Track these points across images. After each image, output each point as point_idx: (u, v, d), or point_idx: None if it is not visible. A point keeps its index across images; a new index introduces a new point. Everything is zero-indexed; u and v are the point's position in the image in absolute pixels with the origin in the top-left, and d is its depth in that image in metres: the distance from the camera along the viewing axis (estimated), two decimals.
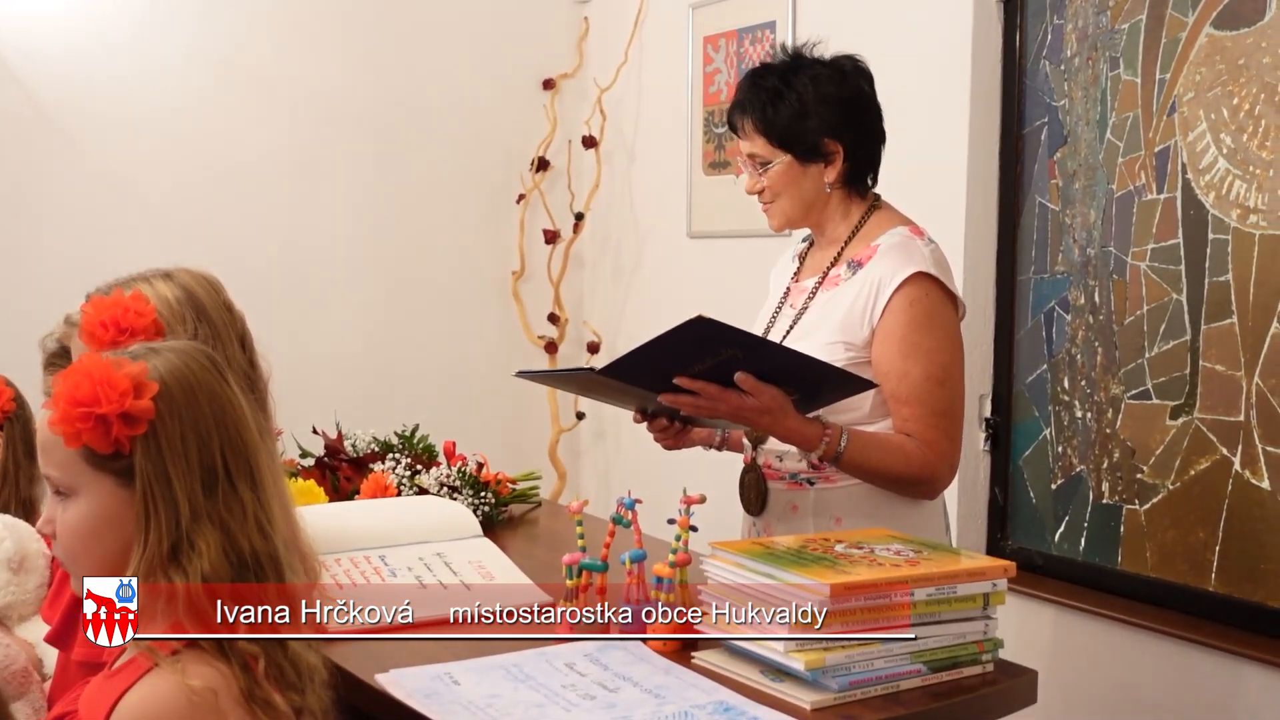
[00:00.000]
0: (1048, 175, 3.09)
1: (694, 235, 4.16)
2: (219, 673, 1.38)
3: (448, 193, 4.45)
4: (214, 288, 1.91)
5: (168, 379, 1.43)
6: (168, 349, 1.49)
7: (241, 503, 1.44)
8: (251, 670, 1.40)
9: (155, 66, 3.99)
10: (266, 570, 1.44)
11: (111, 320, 1.75)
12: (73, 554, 1.45)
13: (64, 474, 1.44)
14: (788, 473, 2.26)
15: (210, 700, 1.36)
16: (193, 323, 1.84)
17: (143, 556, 1.40)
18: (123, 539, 1.42)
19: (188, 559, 1.40)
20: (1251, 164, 2.63)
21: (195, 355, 1.49)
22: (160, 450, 1.41)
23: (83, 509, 1.43)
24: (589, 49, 4.56)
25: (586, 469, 4.65)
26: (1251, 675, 2.59)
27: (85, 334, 1.78)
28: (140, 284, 1.86)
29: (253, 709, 1.38)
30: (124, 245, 3.87)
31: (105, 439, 1.39)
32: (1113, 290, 2.93)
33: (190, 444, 1.42)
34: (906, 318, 2.17)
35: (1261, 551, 2.61)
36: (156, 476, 1.40)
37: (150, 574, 1.40)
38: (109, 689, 1.41)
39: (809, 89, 2.23)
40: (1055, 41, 3.07)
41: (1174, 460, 2.79)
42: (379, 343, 4.35)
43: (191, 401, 1.44)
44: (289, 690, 1.41)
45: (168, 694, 1.35)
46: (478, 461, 2.63)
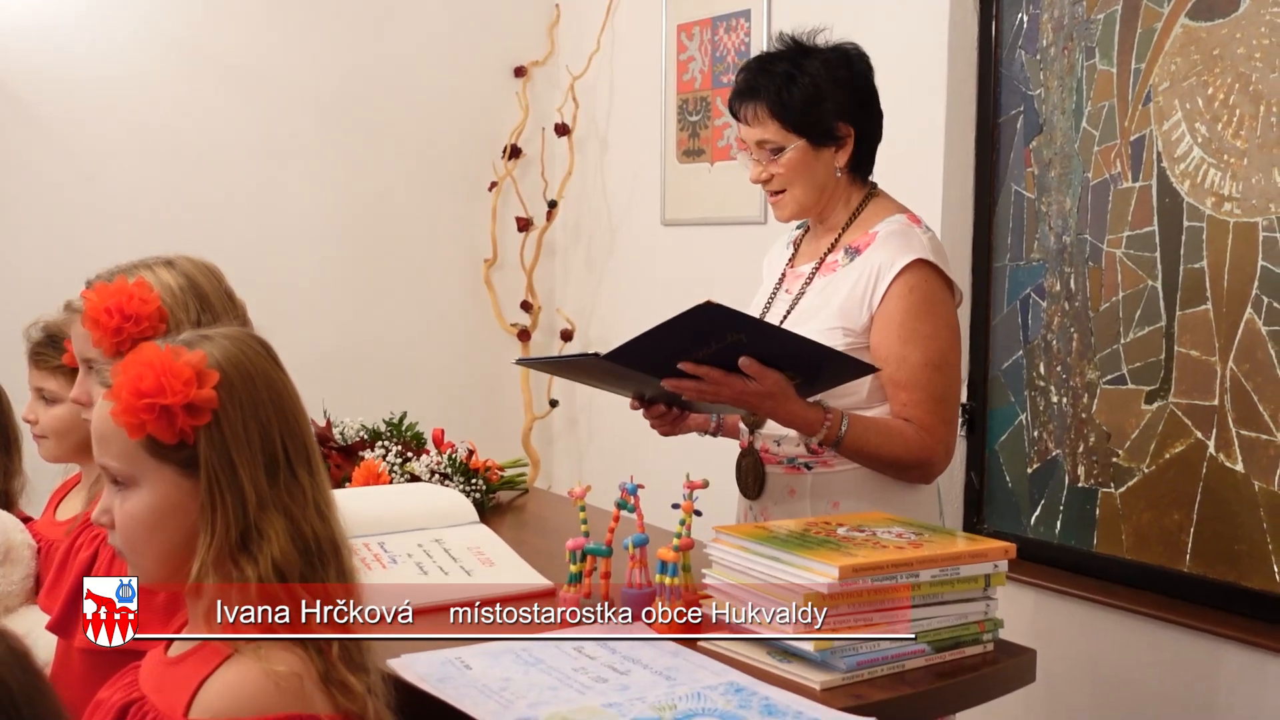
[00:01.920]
0: (1024, 164, 3.13)
1: (668, 223, 4.17)
2: (298, 658, 1.39)
3: (419, 180, 4.44)
4: (215, 275, 1.92)
5: (226, 367, 1.43)
6: (220, 335, 1.48)
7: (302, 488, 1.44)
8: (326, 654, 1.40)
9: (126, 55, 3.95)
10: (328, 554, 1.44)
11: (116, 307, 1.75)
12: (134, 544, 1.44)
13: (125, 464, 1.43)
14: (785, 457, 2.29)
15: (296, 684, 1.36)
16: (195, 310, 1.84)
17: (211, 545, 1.40)
18: (185, 528, 1.42)
19: (257, 547, 1.40)
20: (1226, 153, 2.67)
21: (249, 341, 1.48)
22: (224, 439, 1.41)
23: (145, 499, 1.42)
24: (560, 36, 4.56)
25: (560, 455, 4.66)
26: (1227, 654, 2.64)
27: (89, 320, 1.78)
28: (143, 271, 1.85)
29: (331, 692, 1.38)
30: (96, 234, 3.85)
31: (170, 429, 1.39)
32: (1088, 277, 2.97)
33: (252, 431, 1.42)
34: (906, 304, 2.19)
35: (1236, 533, 2.67)
36: (222, 465, 1.40)
37: (220, 562, 1.40)
38: (182, 675, 1.41)
39: (821, 72, 2.25)
40: (1031, 31, 3.11)
41: (1149, 444, 2.84)
42: (351, 331, 4.34)
43: (251, 388, 1.43)
44: (359, 671, 1.42)
45: (255, 679, 1.36)
46: (468, 449, 2.64)
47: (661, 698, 1.56)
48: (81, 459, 2.36)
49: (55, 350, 2.32)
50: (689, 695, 1.57)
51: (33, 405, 2.35)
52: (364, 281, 4.38)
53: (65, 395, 2.30)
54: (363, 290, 4.38)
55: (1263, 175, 2.60)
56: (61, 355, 2.29)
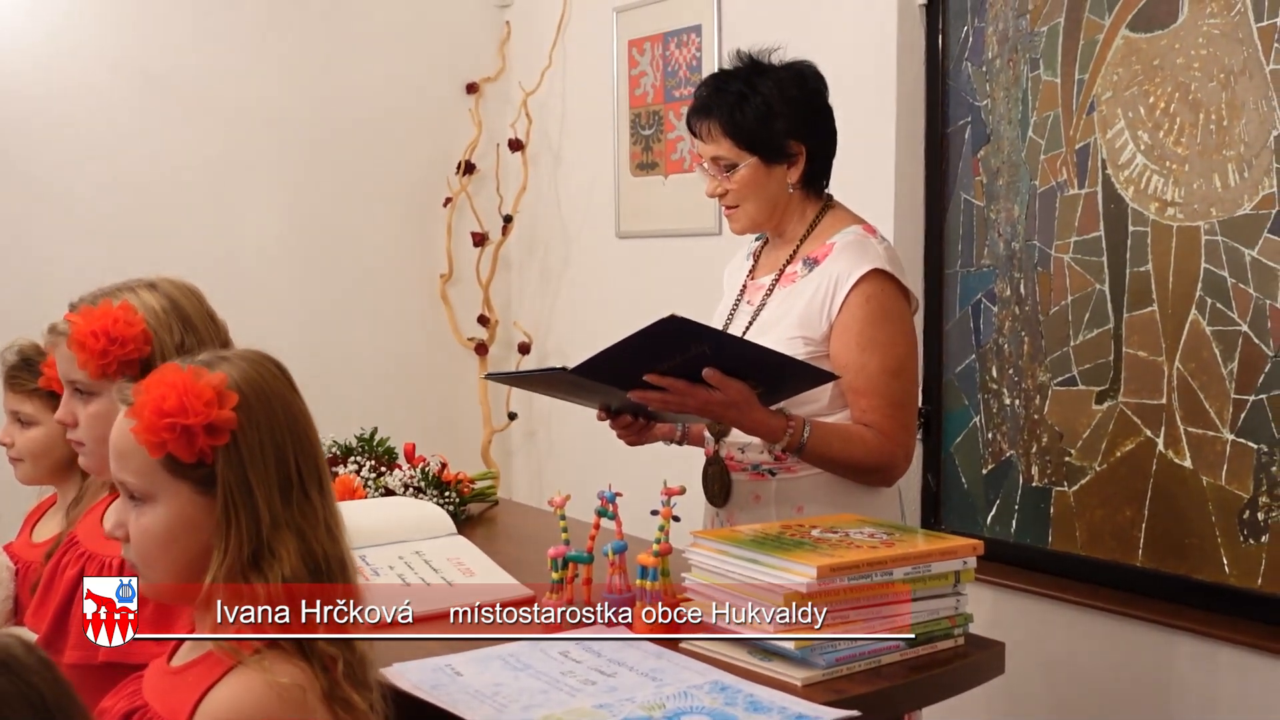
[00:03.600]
0: (972, 172, 3.21)
1: (623, 235, 4.23)
2: (302, 671, 1.41)
3: (374, 197, 4.47)
4: (197, 297, 1.95)
5: (245, 388, 1.46)
6: (238, 357, 1.52)
7: (314, 508, 1.47)
8: (331, 671, 1.42)
9: (79, 74, 3.96)
10: (335, 573, 1.47)
11: (101, 329, 1.78)
12: (148, 558, 1.47)
13: (142, 481, 1.46)
14: (750, 464, 2.35)
15: (299, 697, 1.38)
16: (179, 332, 1.87)
17: (223, 562, 1.43)
18: (199, 544, 1.45)
19: (269, 565, 1.43)
20: (1168, 159, 2.77)
21: (265, 363, 1.52)
22: (241, 459, 1.44)
23: (161, 515, 1.45)
24: (511, 53, 4.61)
25: (519, 468, 4.70)
26: (1179, 644, 2.73)
27: (75, 343, 1.80)
28: (126, 294, 1.88)
29: (334, 709, 1.41)
30: (51, 254, 3.86)
31: (190, 449, 1.42)
32: (1038, 282, 3.06)
33: (269, 452, 1.45)
34: (864, 313, 2.26)
35: (1185, 527, 2.76)
36: (238, 485, 1.43)
37: (231, 579, 1.43)
38: (184, 685, 1.44)
39: (774, 91, 2.32)
40: (977, 44, 3.20)
41: (1100, 443, 2.93)
42: (308, 349, 4.32)
43: (268, 410, 1.47)
44: (361, 689, 1.44)
45: (258, 691, 1.38)
46: (440, 462, 2.68)
47: (650, 697, 1.61)
48: (58, 481, 2.38)
49: (30, 374, 2.33)
50: (676, 695, 1.62)
51: (8, 428, 2.36)
52: (320, 299, 4.40)
53: (41, 418, 2.32)
54: (319, 308, 4.39)
55: (1203, 180, 2.70)
56: (37, 379, 2.30)
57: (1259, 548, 2.62)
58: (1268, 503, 2.61)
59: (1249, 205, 2.62)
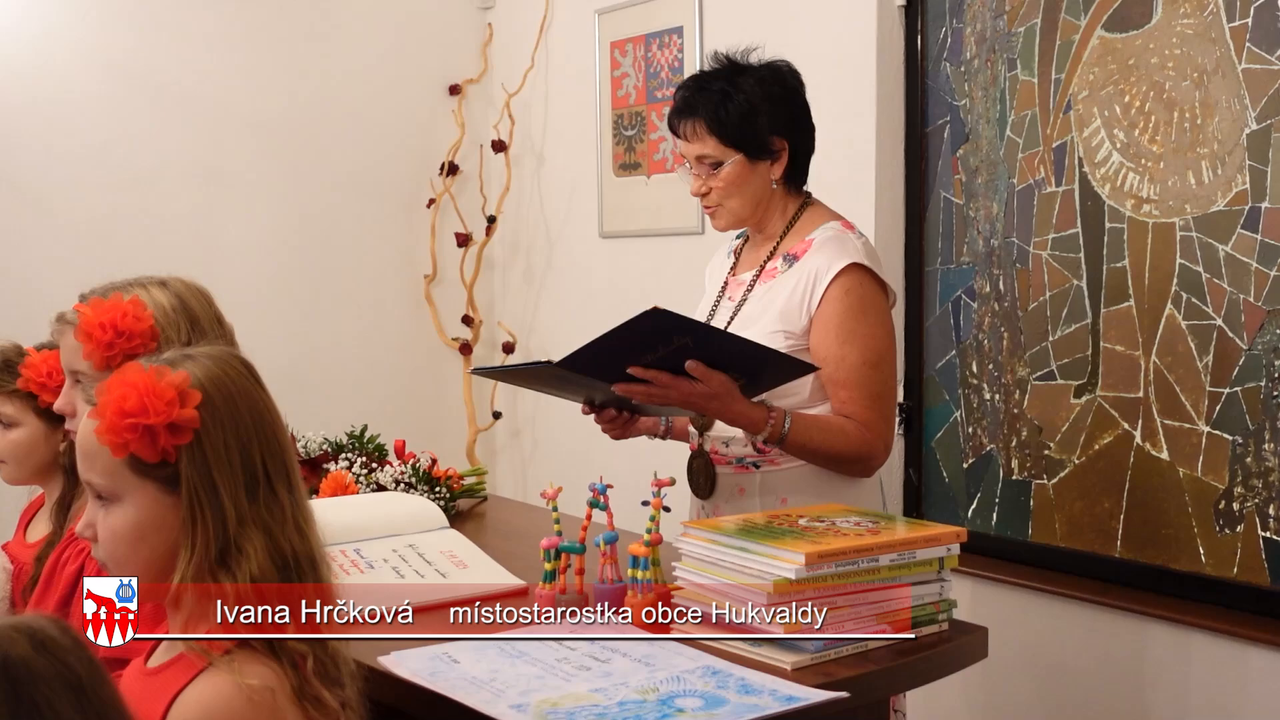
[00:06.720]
0: (951, 171, 3.26)
1: (606, 235, 4.27)
2: (273, 671, 1.41)
3: (358, 198, 4.50)
4: (206, 298, 1.97)
5: (209, 387, 1.45)
6: (203, 355, 1.51)
7: (281, 505, 1.47)
8: (301, 669, 1.43)
9: (60, 74, 3.97)
10: (305, 570, 1.47)
11: (110, 322, 1.81)
12: (117, 558, 1.47)
13: (108, 481, 1.45)
14: (734, 457, 2.39)
15: (269, 699, 1.38)
16: (186, 331, 1.90)
17: (190, 561, 1.43)
18: (167, 542, 1.45)
19: (236, 563, 1.43)
20: (1143, 157, 2.82)
21: (231, 361, 1.51)
22: (205, 458, 1.43)
23: (127, 515, 1.45)
24: (494, 54, 4.64)
25: (504, 466, 4.73)
26: (1157, 633, 2.79)
27: (82, 333, 1.83)
28: (137, 289, 1.90)
29: (304, 707, 1.41)
30: (32, 254, 3.87)
31: (153, 449, 1.41)
32: (1016, 278, 3.11)
33: (233, 450, 1.45)
34: (843, 306, 2.31)
35: (1163, 518, 2.81)
36: (202, 483, 1.43)
37: (199, 578, 1.43)
38: (157, 686, 1.44)
39: (756, 89, 2.36)
40: (955, 44, 3.25)
41: (1079, 436, 2.98)
42: (293, 350, 4.36)
43: (232, 408, 1.46)
44: (333, 686, 1.45)
45: (227, 692, 1.37)
46: (430, 458, 2.71)
47: (644, 682, 1.65)
48: (42, 481, 2.40)
49: (10, 375, 2.35)
50: (669, 679, 1.66)
51: None
52: (305, 300, 4.42)
53: (23, 419, 2.34)
54: (304, 309, 4.41)
55: (1178, 178, 2.75)
56: (16, 380, 2.33)
57: (1234, 537, 2.68)
58: (1243, 493, 2.66)
59: (1222, 202, 2.68)
